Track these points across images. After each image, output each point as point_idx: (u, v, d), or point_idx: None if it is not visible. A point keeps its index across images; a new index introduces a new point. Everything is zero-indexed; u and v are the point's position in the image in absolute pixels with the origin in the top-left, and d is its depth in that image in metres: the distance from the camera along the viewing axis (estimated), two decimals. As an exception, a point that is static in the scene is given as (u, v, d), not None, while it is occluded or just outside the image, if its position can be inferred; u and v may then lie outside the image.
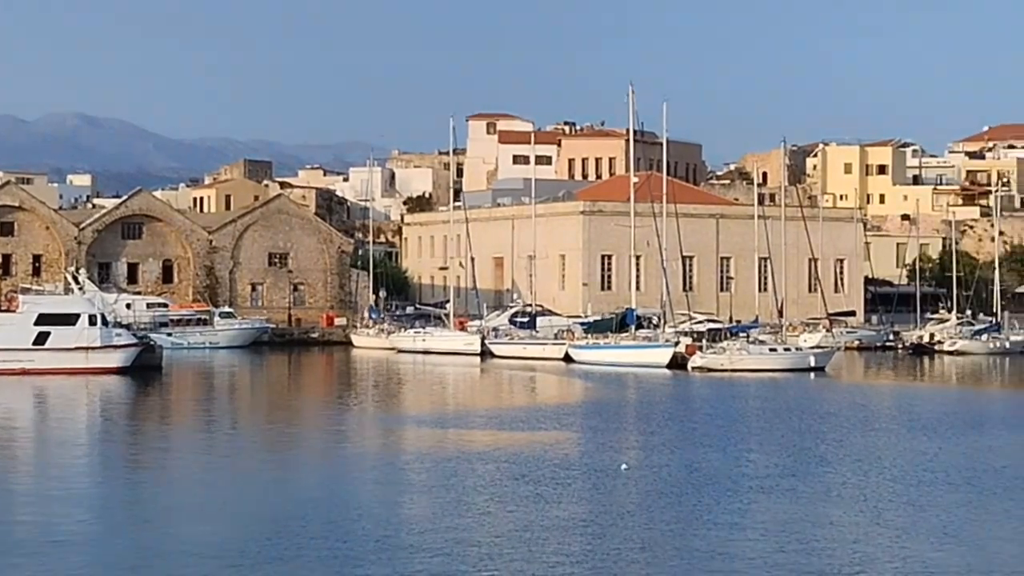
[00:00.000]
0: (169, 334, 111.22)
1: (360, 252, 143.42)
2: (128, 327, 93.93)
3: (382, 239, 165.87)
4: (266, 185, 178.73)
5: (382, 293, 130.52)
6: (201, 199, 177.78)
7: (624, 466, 44.80)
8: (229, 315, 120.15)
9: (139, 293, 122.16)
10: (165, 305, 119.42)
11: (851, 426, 59.01)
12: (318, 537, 32.63)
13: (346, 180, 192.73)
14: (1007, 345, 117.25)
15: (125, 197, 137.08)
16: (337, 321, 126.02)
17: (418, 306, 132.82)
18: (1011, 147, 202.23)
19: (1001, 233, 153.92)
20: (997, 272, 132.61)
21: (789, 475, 43.46)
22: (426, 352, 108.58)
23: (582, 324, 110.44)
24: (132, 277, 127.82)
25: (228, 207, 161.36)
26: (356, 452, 50.36)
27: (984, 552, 31.77)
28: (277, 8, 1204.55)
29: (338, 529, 33.69)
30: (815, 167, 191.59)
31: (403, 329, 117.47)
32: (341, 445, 52.66)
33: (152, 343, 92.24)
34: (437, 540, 32.34)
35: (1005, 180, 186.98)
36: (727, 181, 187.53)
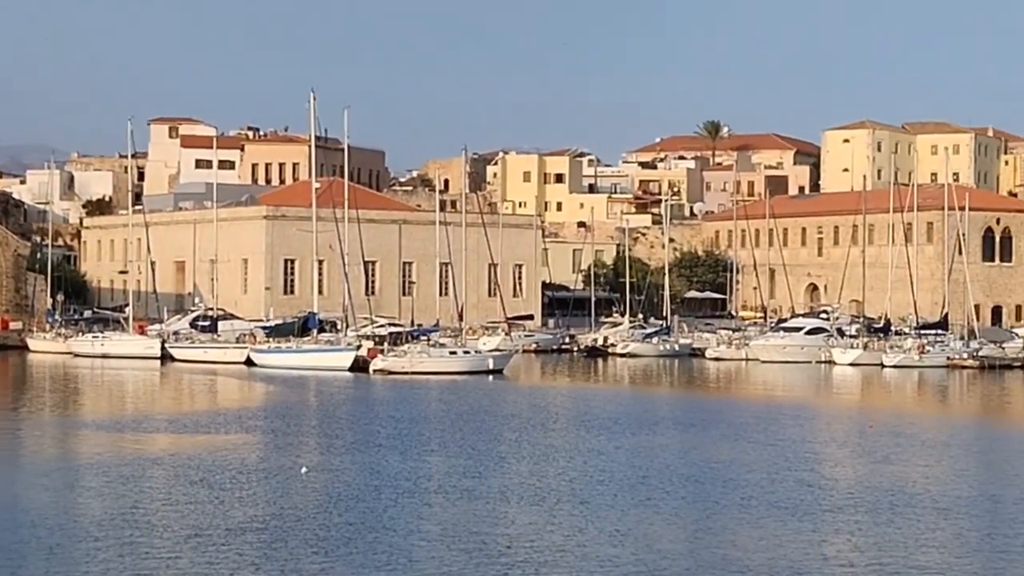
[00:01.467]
0: None
1: (38, 255, 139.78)
2: None
3: (61, 242, 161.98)
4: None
5: (60, 297, 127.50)
6: None
7: (304, 469, 44.79)
8: None
9: None
10: None
11: (529, 427, 60.19)
12: (-12, 546, 31.83)
13: (23, 183, 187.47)
14: (676, 347, 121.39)
15: None
16: (12, 325, 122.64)
17: (96, 310, 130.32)
18: (681, 158, 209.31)
19: (671, 240, 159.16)
20: (667, 278, 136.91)
21: (468, 476, 44.14)
22: (105, 356, 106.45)
23: (264, 328, 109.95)
24: None
25: None
26: (29, 458, 49.09)
27: (655, 549, 32.68)
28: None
29: (9, 537, 32.82)
30: (495, 175, 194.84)
31: (81, 333, 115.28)
32: (13, 451, 51.23)
33: None
34: (112, 547, 31.81)
35: (675, 190, 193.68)
36: (410, 188, 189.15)
